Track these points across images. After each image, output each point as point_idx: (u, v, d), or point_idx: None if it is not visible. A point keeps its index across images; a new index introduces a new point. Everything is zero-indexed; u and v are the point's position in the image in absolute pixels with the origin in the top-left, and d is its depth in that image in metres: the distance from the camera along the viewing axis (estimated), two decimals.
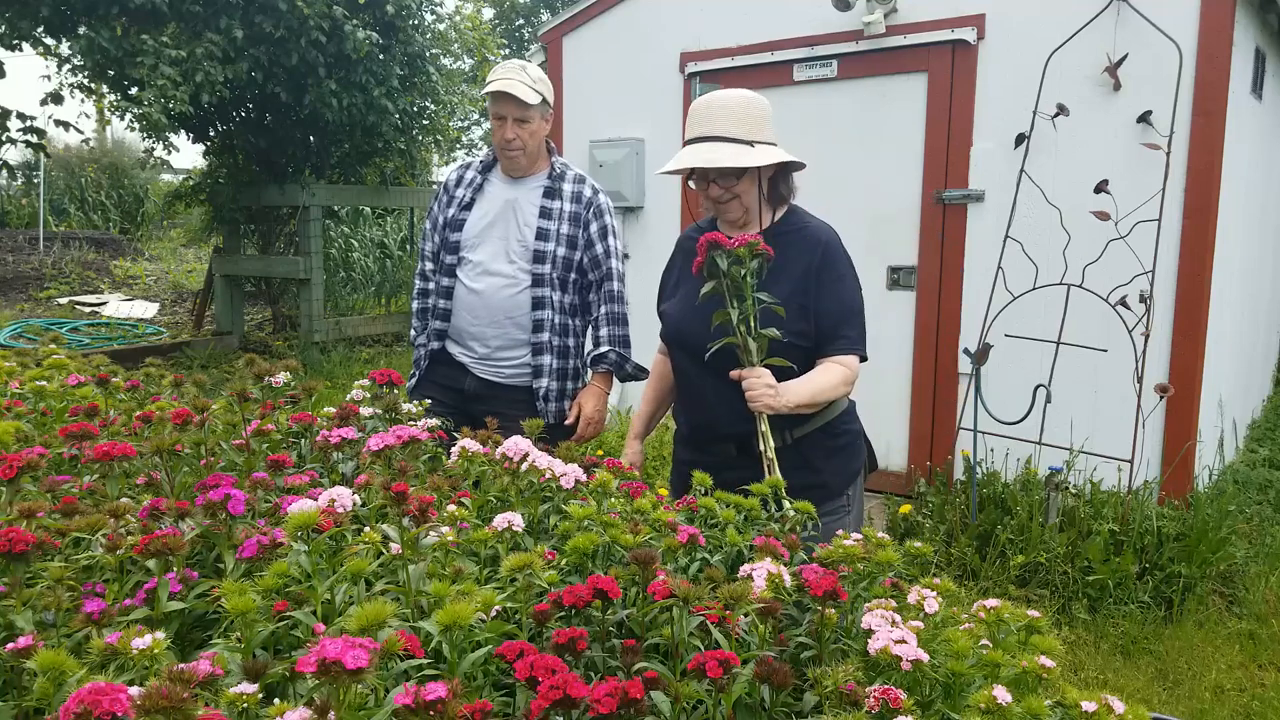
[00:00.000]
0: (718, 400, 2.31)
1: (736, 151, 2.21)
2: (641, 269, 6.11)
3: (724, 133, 2.23)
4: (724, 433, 2.33)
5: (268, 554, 1.27)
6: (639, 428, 2.70)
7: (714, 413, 2.34)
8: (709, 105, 2.26)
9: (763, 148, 2.24)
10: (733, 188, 2.28)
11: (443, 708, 0.86)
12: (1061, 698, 1.10)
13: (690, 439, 2.46)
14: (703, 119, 2.26)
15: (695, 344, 2.34)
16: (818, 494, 1.85)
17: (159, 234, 17.43)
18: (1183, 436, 4.41)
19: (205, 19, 7.61)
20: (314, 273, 9.21)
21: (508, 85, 2.82)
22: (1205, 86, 4.21)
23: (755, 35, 5.48)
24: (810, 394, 2.18)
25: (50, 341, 2.74)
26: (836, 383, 2.23)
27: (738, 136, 2.23)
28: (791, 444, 2.29)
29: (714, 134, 2.23)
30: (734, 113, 2.24)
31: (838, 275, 2.27)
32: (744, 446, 2.30)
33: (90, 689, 0.85)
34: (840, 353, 2.25)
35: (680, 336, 2.41)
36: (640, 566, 1.19)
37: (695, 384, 2.40)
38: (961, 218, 4.90)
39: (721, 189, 2.29)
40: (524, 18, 20.74)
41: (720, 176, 2.28)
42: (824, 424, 2.31)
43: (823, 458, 2.30)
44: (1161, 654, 3.60)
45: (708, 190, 2.32)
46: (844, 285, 2.28)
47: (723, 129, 2.23)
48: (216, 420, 1.88)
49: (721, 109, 2.24)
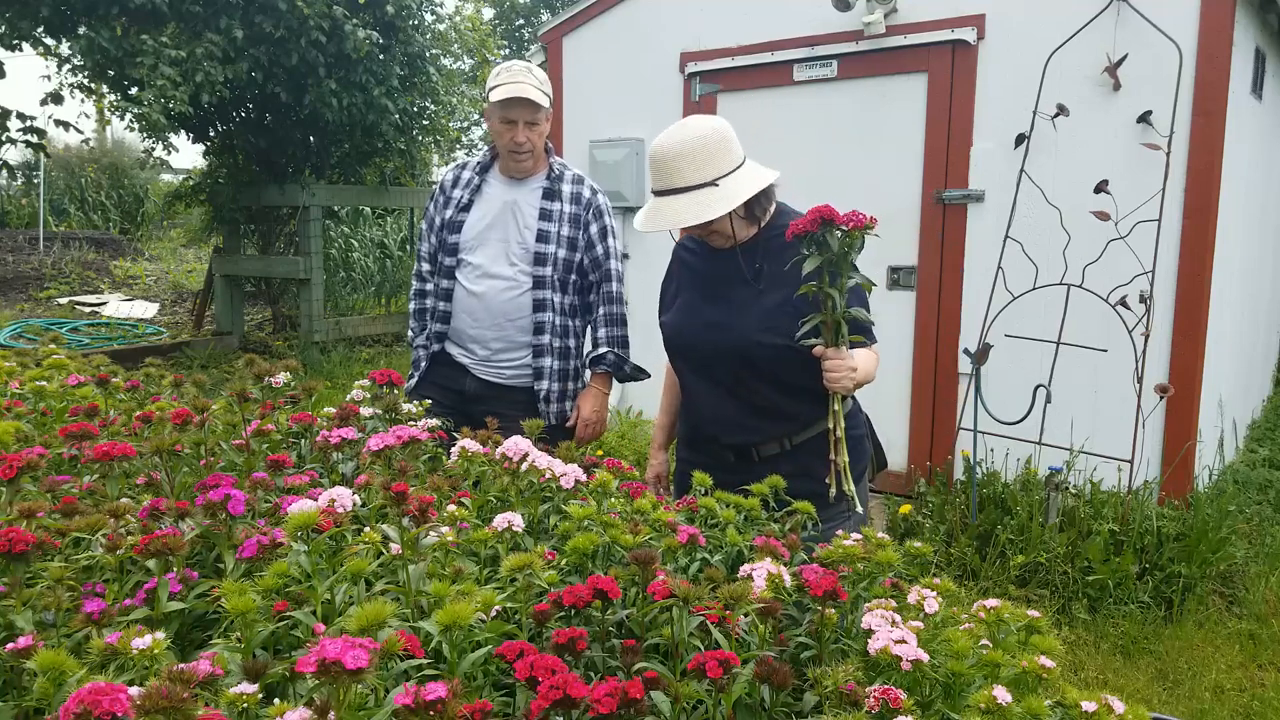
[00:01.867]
0: (715, 411, 2.33)
1: (699, 206, 2.15)
2: (641, 270, 6.12)
3: (685, 182, 2.17)
4: (722, 442, 2.34)
5: (268, 554, 1.27)
6: (661, 438, 2.70)
7: (712, 422, 2.35)
8: (664, 157, 2.18)
9: (729, 180, 2.17)
10: (709, 227, 2.24)
11: (443, 708, 0.86)
12: (1061, 698, 1.10)
13: (691, 441, 2.48)
14: (660, 172, 2.20)
15: (694, 354, 2.35)
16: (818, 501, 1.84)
17: (159, 234, 17.43)
18: (1183, 436, 4.41)
19: (205, 19, 7.61)
20: (314, 273, 9.21)
21: (522, 90, 2.80)
22: (1205, 86, 4.21)
23: (755, 35, 5.48)
24: (866, 374, 2.17)
25: (50, 341, 2.74)
26: (874, 368, 2.23)
27: (698, 182, 2.17)
28: (790, 450, 2.29)
29: (673, 186, 2.18)
30: (691, 158, 2.16)
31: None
32: (741, 454, 2.31)
33: (90, 689, 0.85)
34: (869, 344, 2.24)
35: (680, 346, 2.41)
36: (640, 566, 1.19)
37: (695, 393, 2.41)
38: (961, 218, 4.90)
39: (700, 229, 2.26)
40: (524, 18, 20.74)
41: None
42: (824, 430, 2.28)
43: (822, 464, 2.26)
44: (1161, 654, 3.60)
45: (693, 231, 2.29)
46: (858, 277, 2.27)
47: (683, 179, 2.17)
48: (216, 420, 1.88)
49: (676, 159, 2.17)
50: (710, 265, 2.38)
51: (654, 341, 2.71)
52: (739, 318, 2.25)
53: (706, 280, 2.37)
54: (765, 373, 2.24)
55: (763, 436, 2.30)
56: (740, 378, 2.28)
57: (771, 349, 2.20)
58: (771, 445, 2.30)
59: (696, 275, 2.41)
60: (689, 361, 2.39)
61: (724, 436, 2.33)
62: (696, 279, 2.41)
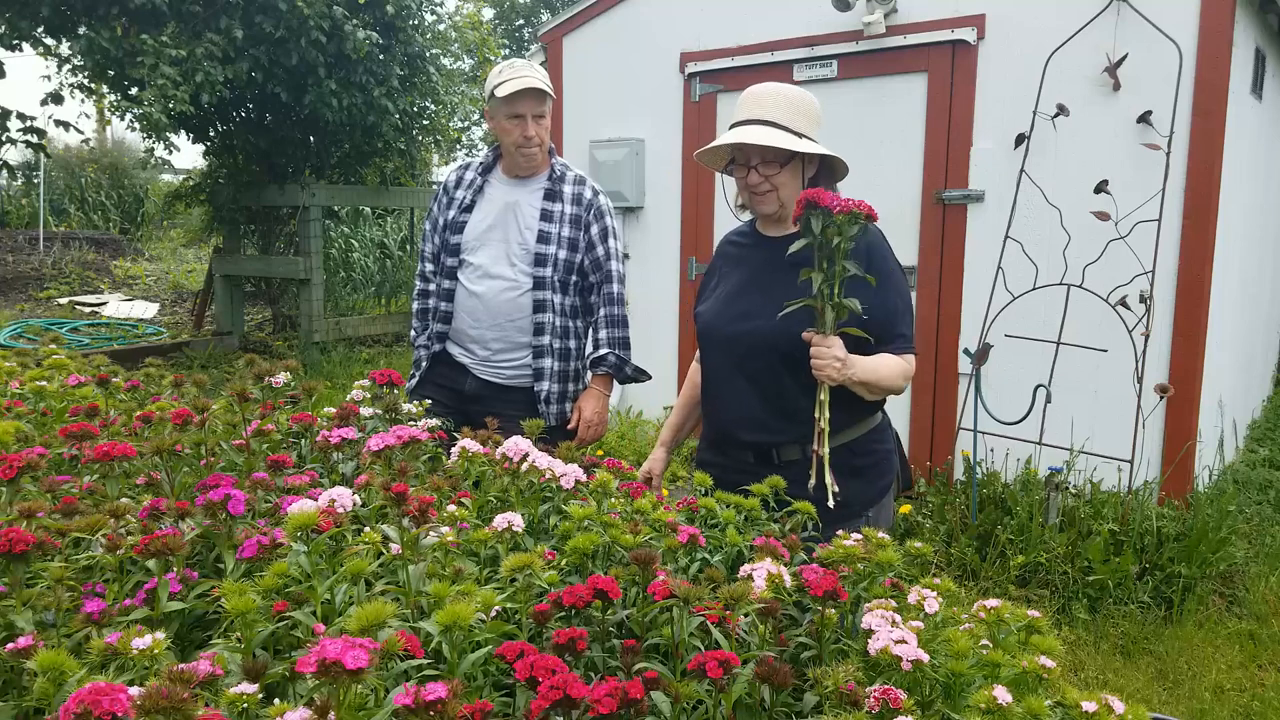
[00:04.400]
0: (739, 408, 2.26)
1: (786, 137, 2.15)
2: (641, 269, 6.12)
3: (776, 119, 2.16)
4: (743, 440, 2.28)
5: (268, 554, 1.27)
6: (667, 436, 2.61)
7: (734, 420, 2.29)
8: (764, 91, 2.20)
9: (808, 141, 2.18)
10: (773, 177, 2.21)
11: (443, 708, 0.86)
12: (1062, 698, 1.10)
13: (713, 442, 2.41)
14: (755, 103, 2.20)
15: (726, 343, 2.29)
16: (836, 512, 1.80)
17: (159, 234, 17.43)
18: (1183, 436, 4.41)
19: (205, 19, 7.61)
20: (314, 273, 9.21)
21: (531, 81, 2.79)
22: (1205, 86, 4.21)
23: (755, 35, 5.48)
24: (875, 375, 2.11)
25: (50, 341, 2.74)
26: (897, 374, 2.15)
27: (789, 126, 2.17)
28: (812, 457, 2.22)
29: (766, 118, 2.17)
30: (790, 103, 2.18)
31: (885, 273, 2.20)
32: (762, 455, 2.25)
33: (90, 689, 0.85)
34: (898, 352, 2.18)
35: (712, 335, 2.34)
36: (640, 567, 1.19)
37: (719, 388, 2.34)
38: (961, 218, 4.90)
39: (761, 177, 2.21)
40: (524, 18, 20.74)
41: (763, 164, 2.21)
42: (848, 442, 2.24)
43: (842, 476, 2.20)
44: (1161, 654, 3.60)
45: (746, 177, 2.24)
46: (892, 282, 2.21)
47: (775, 115, 2.17)
48: (216, 420, 1.88)
49: (777, 96, 2.19)
50: (754, 254, 2.34)
51: (655, 343, 2.71)
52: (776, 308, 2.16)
53: (749, 270, 2.32)
54: (794, 368, 2.16)
55: (785, 438, 2.23)
56: (769, 371, 2.21)
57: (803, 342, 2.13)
58: (793, 449, 2.23)
59: (739, 265, 2.37)
60: (719, 351, 2.32)
61: (745, 434, 2.26)
62: (738, 269, 2.36)
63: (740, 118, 2.23)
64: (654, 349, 5.71)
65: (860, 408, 2.22)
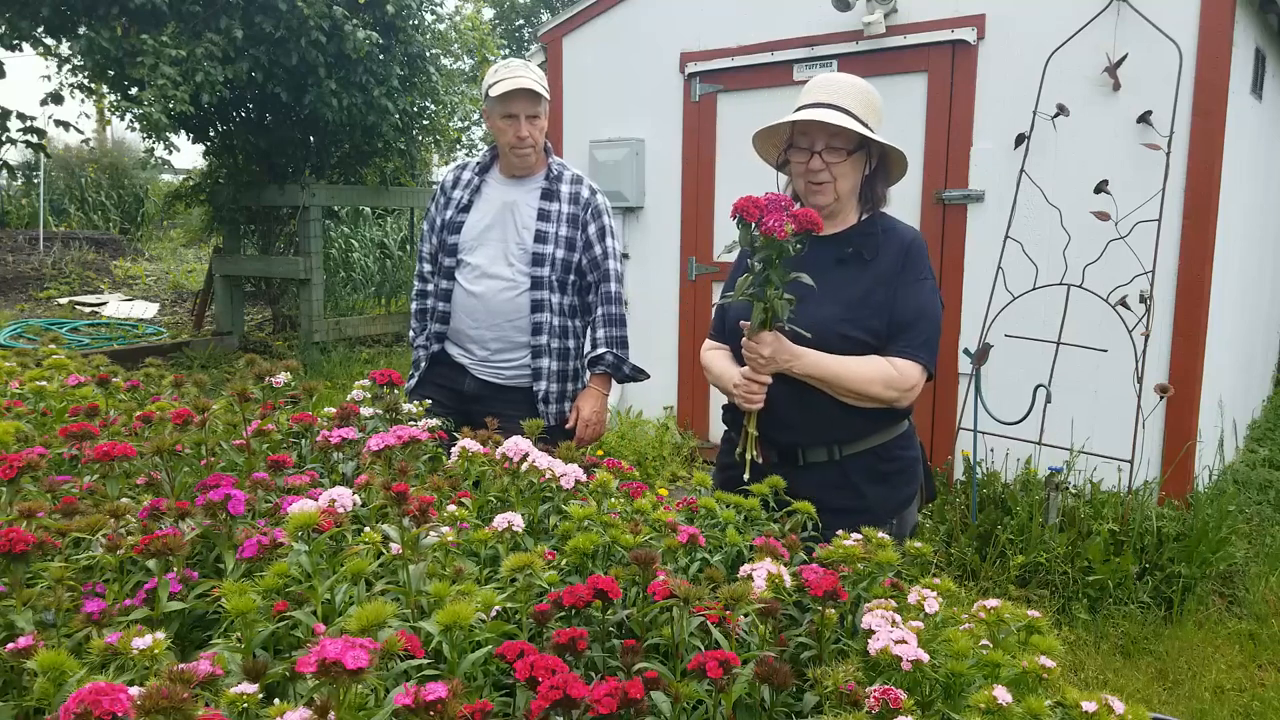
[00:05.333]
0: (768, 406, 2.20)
1: (857, 125, 2.13)
2: (641, 269, 6.12)
3: (848, 106, 2.14)
4: (768, 437, 2.23)
5: (268, 554, 1.27)
6: None
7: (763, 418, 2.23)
8: (836, 78, 2.18)
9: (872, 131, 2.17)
10: (835, 165, 2.16)
11: (443, 708, 0.86)
12: (1062, 698, 1.10)
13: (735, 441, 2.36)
14: (826, 89, 2.17)
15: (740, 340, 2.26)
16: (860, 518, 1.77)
17: (159, 234, 17.43)
18: (1183, 436, 4.41)
19: (205, 19, 7.61)
20: (314, 273, 9.21)
21: (524, 82, 2.80)
22: (1205, 86, 4.21)
23: (755, 35, 5.48)
24: (827, 373, 2.08)
25: (50, 341, 2.74)
26: (870, 377, 2.10)
27: (851, 109, 2.14)
28: (839, 461, 2.19)
29: (838, 104, 2.14)
30: (861, 93, 2.17)
31: (916, 278, 2.19)
32: (786, 454, 2.22)
33: (90, 689, 0.85)
34: (898, 356, 2.13)
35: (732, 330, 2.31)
36: (640, 567, 1.19)
37: None
38: (961, 218, 4.90)
39: (824, 164, 2.17)
40: (524, 18, 20.74)
41: (829, 150, 2.16)
42: (875, 446, 2.21)
43: (868, 482, 2.19)
44: (1161, 654, 3.60)
45: (808, 163, 2.18)
46: (920, 288, 2.20)
47: (847, 103, 2.15)
48: (217, 420, 1.88)
49: (848, 85, 2.17)
50: None
51: (655, 343, 2.70)
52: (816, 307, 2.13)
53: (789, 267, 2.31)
54: None
55: (810, 440, 2.21)
56: None
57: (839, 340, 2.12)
58: (819, 451, 2.20)
59: None
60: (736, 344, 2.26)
61: (770, 432, 2.21)
62: None
63: (807, 102, 2.19)
64: (654, 349, 5.71)
65: (878, 413, 2.19)
